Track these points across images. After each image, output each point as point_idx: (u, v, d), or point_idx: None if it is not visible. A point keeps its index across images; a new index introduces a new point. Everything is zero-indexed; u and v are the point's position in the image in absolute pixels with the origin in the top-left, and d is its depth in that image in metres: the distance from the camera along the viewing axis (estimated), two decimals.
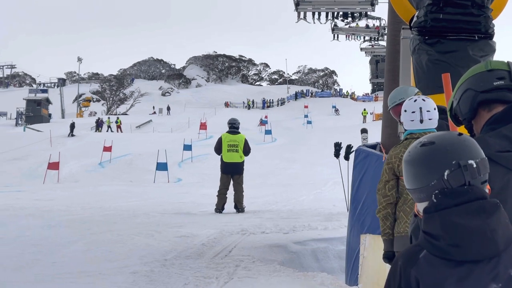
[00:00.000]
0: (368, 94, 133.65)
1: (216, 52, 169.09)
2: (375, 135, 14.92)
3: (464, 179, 2.40)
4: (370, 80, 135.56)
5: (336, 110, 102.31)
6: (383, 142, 9.82)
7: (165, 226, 13.38)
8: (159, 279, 8.18)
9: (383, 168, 5.74)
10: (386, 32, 22.66)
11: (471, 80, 3.16)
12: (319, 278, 8.13)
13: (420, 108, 5.55)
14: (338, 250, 11.04)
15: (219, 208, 17.19)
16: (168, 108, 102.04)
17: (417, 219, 2.62)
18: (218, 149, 18.01)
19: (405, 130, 5.69)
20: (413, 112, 5.56)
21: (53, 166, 35.83)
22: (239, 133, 18.16)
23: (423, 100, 5.63)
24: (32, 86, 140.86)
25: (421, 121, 5.54)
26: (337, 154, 17.27)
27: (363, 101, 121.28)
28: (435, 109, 5.59)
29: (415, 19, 7.49)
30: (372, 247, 7.07)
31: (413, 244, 2.53)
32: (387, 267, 6.01)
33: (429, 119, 5.54)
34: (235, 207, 17.30)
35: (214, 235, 12.06)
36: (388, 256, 5.80)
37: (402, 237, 5.59)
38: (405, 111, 5.65)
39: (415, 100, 5.63)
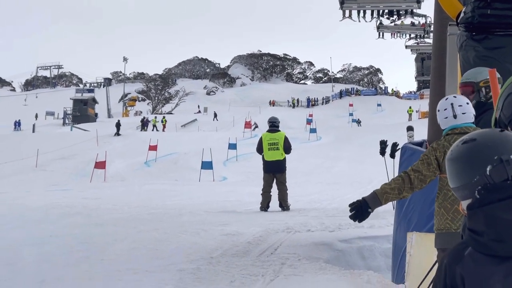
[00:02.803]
0: (414, 92, 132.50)
1: (260, 51, 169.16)
2: (421, 133, 14.83)
3: (506, 173, 2.38)
4: (415, 78, 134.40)
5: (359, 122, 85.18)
6: (430, 140, 9.73)
7: (211, 224, 13.42)
8: (205, 276, 8.22)
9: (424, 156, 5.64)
10: (432, 29, 22.45)
11: (511, 86, 3.14)
12: (366, 276, 8.10)
13: (452, 104, 5.57)
14: (384, 248, 10.98)
15: (264, 206, 17.22)
16: (215, 114, 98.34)
17: (465, 218, 2.60)
18: (260, 148, 18.08)
19: (443, 129, 5.67)
20: (445, 109, 5.58)
21: (100, 165, 36.23)
22: (279, 131, 18.21)
23: (454, 96, 5.68)
24: (79, 86, 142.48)
25: (455, 116, 5.54)
26: (382, 152, 17.19)
27: (409, 99, 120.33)
28: (468, 103, 5.59)
29: (462, 15, 7.39)
30: (419, 245, 7.02)
31: (459, 242, 2.52)
32: (435, 265, 5.96)
33: (463, 113, 5.54)
34: (280, 205, 17.30)
35: (259, 233, 12.08)
36: (353, 203, 5.74)
37: (443, 234, 5.54)
38: (438, 110, 5.66)
39: (446, 99, 5.65)
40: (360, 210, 5.64)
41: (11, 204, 18.97)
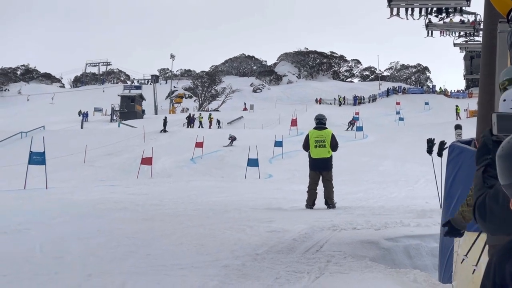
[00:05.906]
0: (462, 90, 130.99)
1: (307, 49, 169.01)
2: (469, 132, 14.64)
3: None
4: (464, 76, 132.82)
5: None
6: (478, 138, 9.60)
7: (256, 221, 13.43)
8: (250, 273, 8.22)
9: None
10: (481, 27, 22.19)
11: None
12: (412, 275, 8.03)
13: None
14: (431, 247, 10.87)
15: (310, 204, 17.18)
16: (218, 121, 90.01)
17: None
18: (306, 146, 18.03)
19: None
20: None
21: (147, 161, 36.55)
22: (326, 128, 18.14)
23: None
24: (127, 83, 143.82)
25: None
26: (430, 151, 17.01)
27: (457, 97, 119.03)
28: None
29: None
30: (467, 244, 6.94)
31: (508, 240, 2.49)
32: (483, 264, 5.89)
33: None
34: (326, 203, 17.24)
35: (305, 231, 12.04)
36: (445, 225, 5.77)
37: None
38: (504, 100, 5.47)
39: None
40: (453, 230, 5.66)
41: (60, 198, 19.24)
